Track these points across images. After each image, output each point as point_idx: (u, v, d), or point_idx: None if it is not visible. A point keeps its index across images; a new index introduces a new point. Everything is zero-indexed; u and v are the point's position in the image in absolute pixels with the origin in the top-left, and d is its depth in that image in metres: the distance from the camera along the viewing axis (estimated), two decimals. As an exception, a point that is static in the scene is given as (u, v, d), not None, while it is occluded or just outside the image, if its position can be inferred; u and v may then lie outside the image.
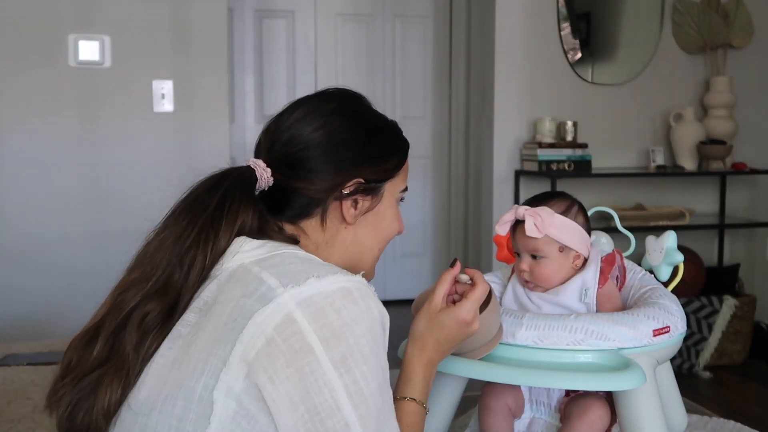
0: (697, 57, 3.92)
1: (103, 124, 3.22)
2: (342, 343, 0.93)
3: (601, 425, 1.38)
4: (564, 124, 3.65)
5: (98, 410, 0.98)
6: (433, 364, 1.17)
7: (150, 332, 1.00)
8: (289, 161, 1.10)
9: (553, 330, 1.29)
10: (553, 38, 3.78)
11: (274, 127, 1.14)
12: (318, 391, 0.91)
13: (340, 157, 1.10)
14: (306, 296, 0.94)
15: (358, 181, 1.11)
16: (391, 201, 1.17)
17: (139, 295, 1.01)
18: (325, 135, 1.10)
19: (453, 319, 1.16)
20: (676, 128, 3.81)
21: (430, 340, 1.16)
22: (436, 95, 4.57)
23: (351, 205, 1.12)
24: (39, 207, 3.19)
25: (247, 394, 0.92)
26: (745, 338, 3.58)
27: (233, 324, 0.94)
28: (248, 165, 1.11)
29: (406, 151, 1.19)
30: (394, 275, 4.56)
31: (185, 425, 0.94)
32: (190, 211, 1.05)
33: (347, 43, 4.47)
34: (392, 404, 0.99)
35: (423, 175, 4.59)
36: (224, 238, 1.04)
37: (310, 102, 1.14)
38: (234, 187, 1.07)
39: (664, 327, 1.33)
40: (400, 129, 1.20)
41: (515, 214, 1.40)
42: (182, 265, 1.02)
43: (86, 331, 1.04)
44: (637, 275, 1.52)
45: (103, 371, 0.99)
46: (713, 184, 3.98)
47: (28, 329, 3.09)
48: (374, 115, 1.17)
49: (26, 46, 3.14)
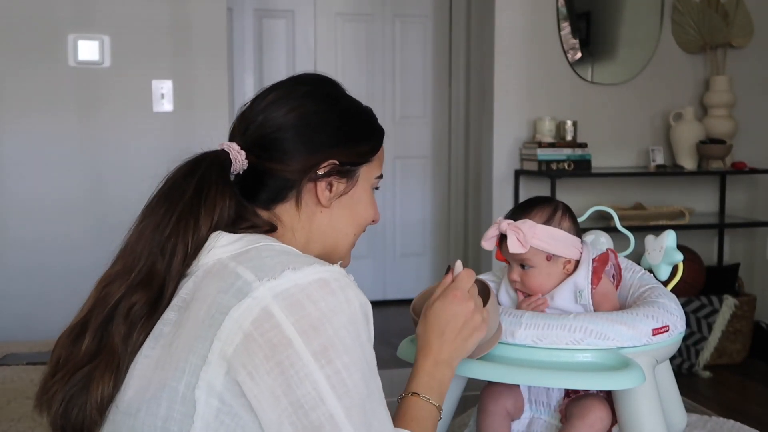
0: (697, 56, 3.92)
1: (102, 123, 3.22)
2: (321, 334, 0.92)
3: (601, 426, 1.38)
4: (564, 124, 3.65)
5: (92, 405, 0.98)
6: (443, 357, 1.13)
7: (137, 323, 1.00)
8: (263, 143, 1.10)
9: (552, 329, 1.29)
10: (553, 38, 3.78)
11: (248, 111, 1.14)
12: (299, 383, 0.90)
13: (314, 138, 1.11)
14: (282, 289, 0.93)
15: (332, 162, 1.11)
16: (366, 187, 1.17)
17: (123, 287, 1.01)
18: (299, 117, 1.11)
19: (444, 301, 1.16)
20: (675, 128, 3.81)
21: (432, 335, 1.15)
22: (435, 95, 4.57)
23: (326, 187, 1.12)
24: (38, 206, 3.19)
25: (229, 391, 0.92)
26: (744, 338, 3.58)
27: (211, 320, 0.94)
28: (222, 148, 1.11)
29: (380, 138, 1.19)
30: (394, 275, 4.56)
31: (170, 425, 0.93)
32: (167, 199, 1.05)
33: (347, 42, 4.47)
34: (380, 394, 0.98)
35: (423, 174, 4.59)
36: (205, 224, 1.03)
37: (283, 86, 1.15)
38: (209, 172, 1.06)
39: (663, 326, 1.33)
40: (374, 115, 1.21)
41: (498, 228, 1.40)
42: (164, 254, 1.02)
43: (73, 327, 1.03)
44: (636, 274, 1.52)
45: (94, 366, 0.99)
46: (713, 184, 3.98)
47: (28, 329, 3.09)
48: (348, 100, 1.18)
49: (26, 46, 3.14)
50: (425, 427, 1.09)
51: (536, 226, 1.38)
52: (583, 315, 1.32)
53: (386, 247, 4.59)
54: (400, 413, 1.10)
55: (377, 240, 4.56)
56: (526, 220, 1.38)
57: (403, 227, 4.60)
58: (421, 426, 1.08)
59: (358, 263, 4.47)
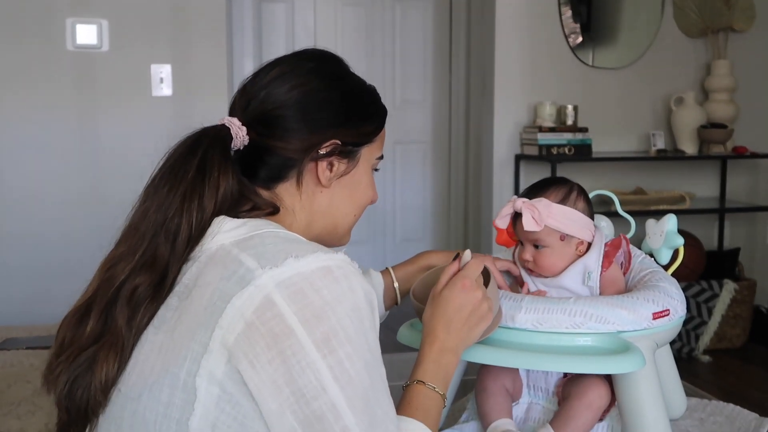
0: (698, 41, 3.90)
1: (101, 108, 3.21)
2: (323, 323, 0.91)
3: (599, 405, 1.37)
4: (564, 108, 3.64)
5: (96, 386, 0.98)
6: (448, 345, 1.13)
7: (141, 306, 0.99)
8: (265, 119, 1.08)
9: (552, 313, 1.28)
10: (554, 22, 3.76)
11: (250, 85, 1.11)
12: (301, 372, 0.90)
13: (317, 117, 1.08)
14: (285, 277, 0.92)
15: (334, 142, 1.09)
16: (367, 167, 1.15)
17: (127, 269, 1.00)
18: (302, 94, 1.08)
19: (452, 289, 1.15)
20: (676, 112, 3.80)
21: (439, 324, 1.14)
22: (436, 79, 4.55)
23: (327, 167, 1.10)
24: (37, 191, 3.19)
25: (230, 379, 0.91)
26: (744, 322, 3.59)
27: (213, 308, 0.93)
28: (223, 123, 1.08)
29: (383, 118, 1.17)
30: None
31: (172, 411, 0.93)
32: (170, 178, 1.02)
33: (347, 26, 4.45)
34: (384, 383, 0.97)
35: (423, 159, 4.58)
36: (209, 204, 1.01)
37: (287, 61, 1.12)
38: (212, 149, 1.04)
39: (663, 310, 1.32)
40: (378, 95, 1.18)
41: (513, 206, 1.39)
42: (167, 234, 1.00)
43: (78, 308, 1.03)
44: (637, 259, 1.52)
45: (99, 347, 0.99)
46: (714, 168, 3.98)
47: (27, 314, 3.09)
48: (352, 79, 1.15)
49: (24, 30, 3.13)
50: (430, 416, 1.08)
51: (551, 205, 1.37)
52: (583, 299, 1.32)
53: (386, 232, 4.59)
54: (405, 401, 1.09)
55: (377, 225, 4.55)
56: (541, 199, 1.38)
57: (403, 212, 4.59)
58: (427, 414, 1.08)
59: (358, 248, 4.47)
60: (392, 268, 1.48)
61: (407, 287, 1.43)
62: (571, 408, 1.37)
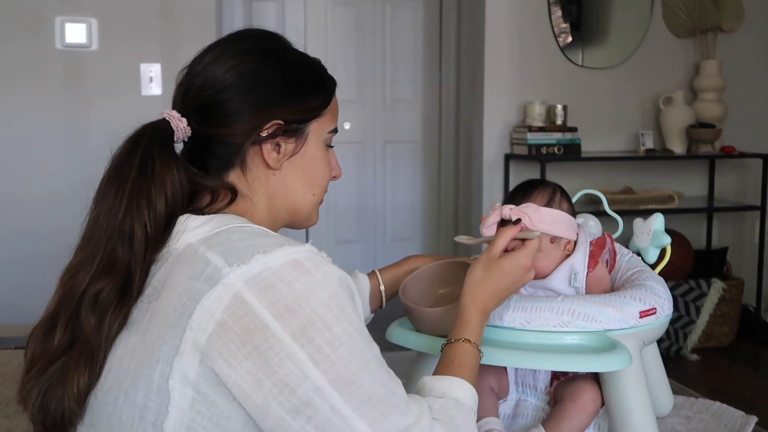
0: (687, 40, 3.92)
1: (90, 107, 3.20)
2: (298, 315, 0.90)
3: (593, 408, 1.38)
4: (554, 108, 3.65)
5: (69, 397, 0.96)
6: (488, 311, 1.17)
7: (107, 310, 0.97)
8: (204, 106, 1.05)
9: (540, 312, 1.29)
10: (544, 22, 3.77)
11: (186, 75, 1.08)
12: (281, 364, 0.89)
13: (256, 97, 1.04)
14: (253, 274, 0.91)
15: (276, 123, 1.05)
16: (318, 143, 1.10)
17: (88, 277, 0.98)
18: (238, 75, 1.04)
19: (514, 264, 1.18)
20: (665, 112, 3.82)
21: (488, 286, 1.16)
22: (426, 79, 4.56)
23: (273, 149, 1.06)
24: (25, 190, 3.17)
25: (204, 380, 0.90)
26: (732, 321, 3.60)
27: (182, 309, 0.92)
28: (163, 117, 1.06)
29: (331, 90, 1.12)
30: (383, 259, 4.55)
31: (147, 414, 0.92)
32: (115, 181, 1.01)
33: (337, 26, 4.45)
34: (379, 361, 0.95)
35: (413, 158, 4.58)
36: (159, 201, 0.99)
37: (220, 44, 1.09)
38: (151, 145, 1.02)
39: (650, 309, 1.33)
40: (324, 67, 1.14)
41: (500, 214, 1.39)
42: (122, 237, 0.98)
43: (43, 322, 1.01)
44: (624, 257, 1.53)
45: (68, 358, 0.97)
46: (702, 168, 3.99)
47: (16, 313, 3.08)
48: (292, 53, 1.11)
49: (12, 29, 3.12)
50: (471, 373, 1.09)
51: (540, 209, 1.37)
52: (571, 298, 1.33)
53: (376, 232, 4.59)
54: (447, 360, 1.10)
55: (367, 224, 4.55)
56: (529, 204, 1.37)
57: (393, 211, 4.60)
58: (471, 372, 1.09)
59: (348, 247, 4.47)
60: (379, 271, 1.47)
61: (393, 290, 1.43)
62: (565, 409, 1.38)
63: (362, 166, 4.50)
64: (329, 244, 4.38)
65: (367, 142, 4.47)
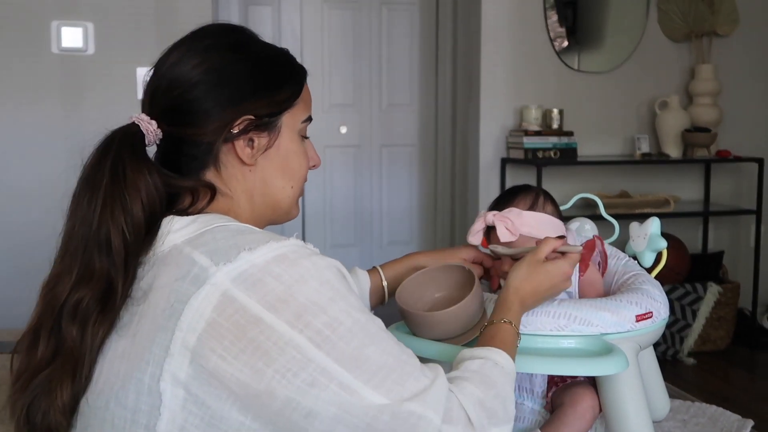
0: (683, 45, 3.93)
1: (86, 111, 3.20)
2: (291, 304, 0.90)
3: (592, 416, 1.38)
4: (550, 112, 3.66)
5: (55, 410, 0.95)
6: (526, 307, 1.19)
7: (88, 320, 0.96)
8: (172, 107, 1.03)
9: (535, 315, 1.29)
10: (540, 26, 3.78)
11: (153, 77, 1.07)
12: (281, 352, 0.88)
13: (224, 93, 1.03)
14: (240, 271, 0.91)
15: (247, 118, 1.03)
16: (292, 135, 1.09)
17: (67, 288, 0.97)
18: (204, 72, 1.03)
19: (558, 270, 1.21)
20: (661, 116, 3.83)
21: (529, 285, 1.19)
22: (422, 83, 4.56)
23: (246, 144, 1.05)
24: (22, 195, 3.17)
25: (195, 380, 0.90)
26: (728, 324, 3.61)
27: (171, 310, 0.91)
28: (132, 122, 1.04)
29: (301, 79, 1.11)
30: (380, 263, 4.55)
31: (139, 417, 0.92)
32: (87, 189, 1.00)
33: (333, 30, 4.45)
34: (385, 334, 0.95)
35: (409, 162, 4.58)
36: (135, 206, 0.98)
37: (185, 43, 1.08)
38: (121, 150, 1.01)
39: (646, 312, 1.33)
40: (292, 57, 1.13)
41: (485, 221, 1.39)
42: (99, 246, 0.97)
43: (26, 335, 1.01)
44: (620, 261, 1.53)
45: (51, 370, 0.96)
46: (698, 172, 4.00)
47: (10, 317, 3.07)
48: (259, 45, 1.09)
49: (8, 33, 3.11)
50: (511, 350, 1.10)
51: (522, 213, 1.37)
52: (567, 301, 1.32)
53: (373, 236, 4.59)
54: (487, 336, 1.11)
55: (364, 228, 4.55)
56: (511, 209, 1.38)
57: (390, 215, 4.60)
58: (509, 348, 1.09)
59: (344, 251, 4.47)
60: (380, 266, 1.47)
61: (396, 286, 1.43)
62: (564, 415, 1.38)
63: (358, 170, 4.50)
64: (326, 247, 4.38)
65: (364, 146, 4.47)
